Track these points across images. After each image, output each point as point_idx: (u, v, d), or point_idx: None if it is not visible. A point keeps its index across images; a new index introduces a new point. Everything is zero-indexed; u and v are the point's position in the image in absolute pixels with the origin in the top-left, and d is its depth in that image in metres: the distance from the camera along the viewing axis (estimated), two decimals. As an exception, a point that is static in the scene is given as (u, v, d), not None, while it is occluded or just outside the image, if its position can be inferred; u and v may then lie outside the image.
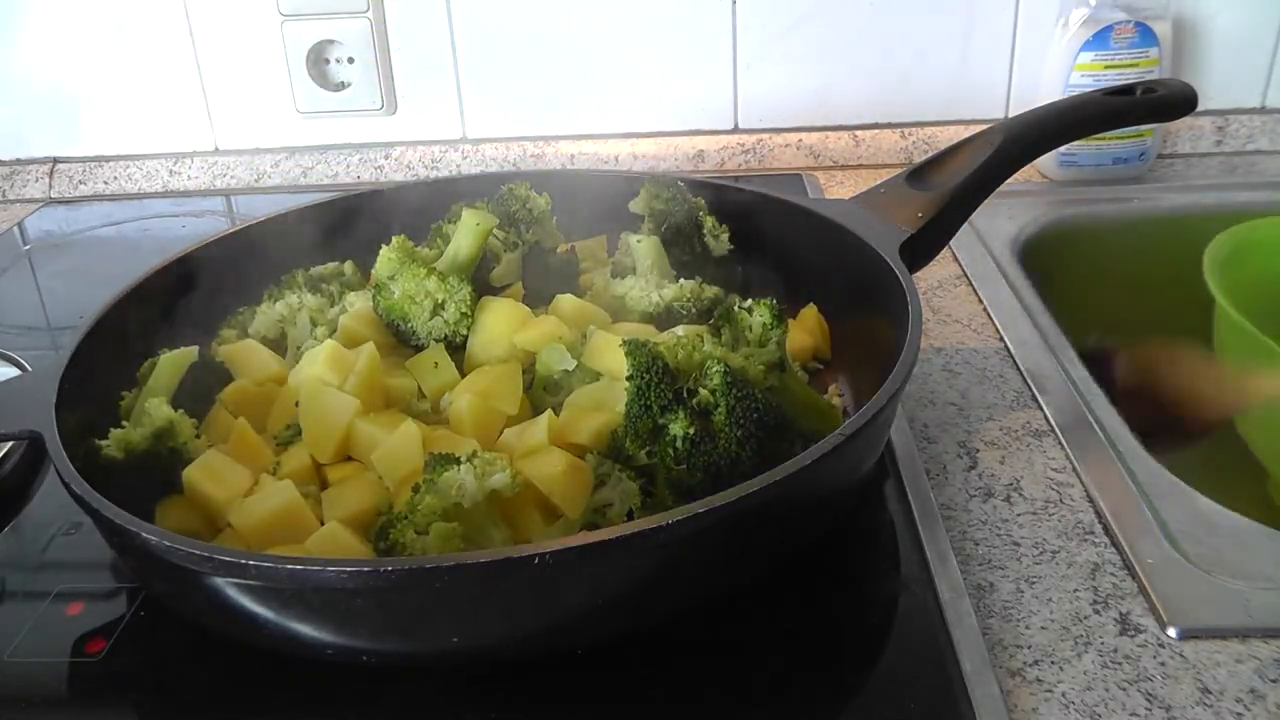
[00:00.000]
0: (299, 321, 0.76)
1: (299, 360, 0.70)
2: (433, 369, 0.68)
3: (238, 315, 0.79)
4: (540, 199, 0.81)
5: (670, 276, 0.79)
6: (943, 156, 0.76)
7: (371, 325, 0.72)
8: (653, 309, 0.75)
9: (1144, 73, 1.05)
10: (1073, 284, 1.03)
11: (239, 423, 0.65)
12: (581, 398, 0.64)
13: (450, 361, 0.69)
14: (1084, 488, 0.66)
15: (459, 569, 0.47)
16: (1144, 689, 0.52)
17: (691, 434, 0.56)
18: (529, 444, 0.61)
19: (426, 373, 0.68)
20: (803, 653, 0.55)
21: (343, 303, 0.78)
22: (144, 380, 0.69)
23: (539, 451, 0.60)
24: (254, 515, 0.58)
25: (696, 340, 0.61)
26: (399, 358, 0.71)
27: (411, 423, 0.62)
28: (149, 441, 0.61)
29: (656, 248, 0.79)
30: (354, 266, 0.82)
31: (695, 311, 0.75)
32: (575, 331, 0.69)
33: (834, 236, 0.76)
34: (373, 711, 0.53)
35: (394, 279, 0.71)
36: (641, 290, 0.76)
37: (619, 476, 0.58)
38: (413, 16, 1.17)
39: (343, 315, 0.74)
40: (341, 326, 0.72)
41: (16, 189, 1.25)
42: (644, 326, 0.73)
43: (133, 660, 0.56)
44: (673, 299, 0.75)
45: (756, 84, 1.19)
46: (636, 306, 0.76)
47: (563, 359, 0.66)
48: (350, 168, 1.23)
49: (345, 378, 0.65)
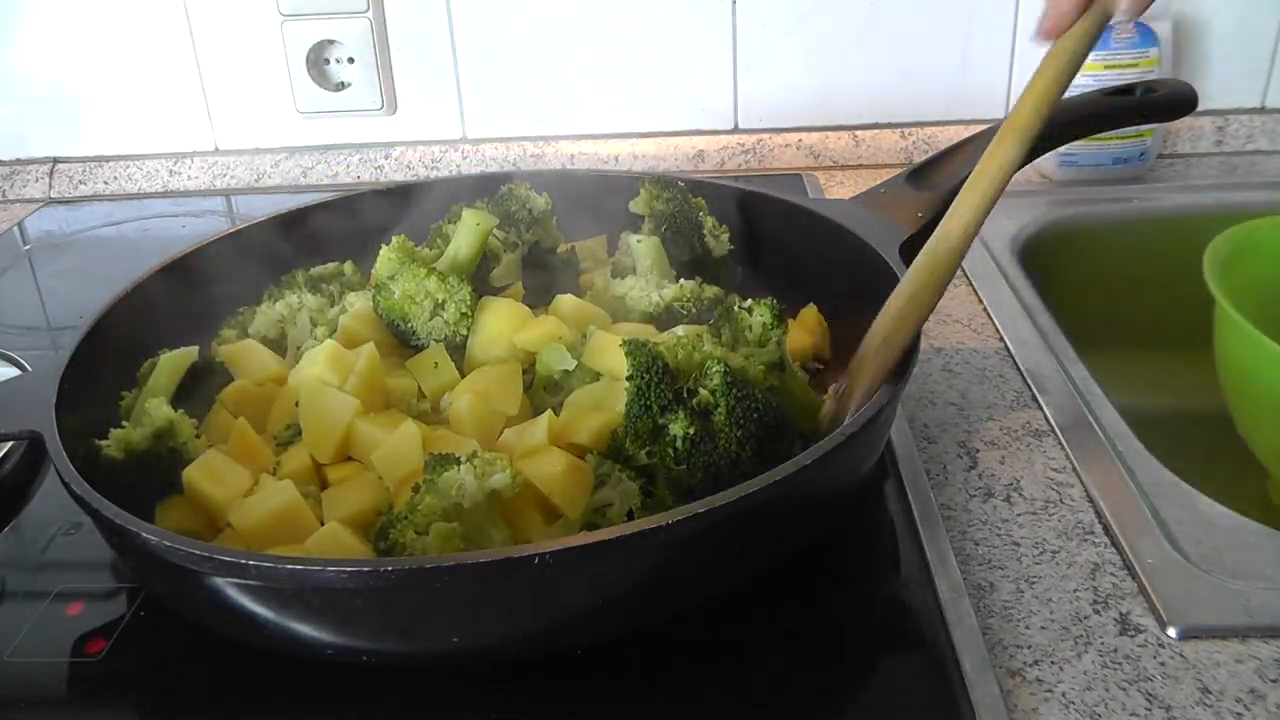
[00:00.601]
0: (299, 321, 0.76)
1: (299, 360, 0.70)
2: (433, 369, 0.68)
3: (238, 315, 0.79)
4: (540, 199, 0.81)
5: (670, 276, 0.79)
6: (943, 156, 0.76)
7: (371, 325, 0.72)
8: (653, 309, 0.75)
9: (1144, 73, 1.05)
10: (1073, 284, 1.03)
11: (239, 423, 0.65)
12: (581, 397, 0.64)
13: (450, 361, 0.68)
14: (1084, 488, 0.66)
15: (459, 569, 0.47)
16: (1144, 689, 0.52)
17: (691, 434, 0.56)
18: (529, 444, 0.61)
19: (426, 373, 0.68)
20: (803, 653, 0.55)
21: (343, 303, 0.77)
22: (144, 380, 0.69)
23: (539, 451, 0.60)
24: (254, 515, 0.58)
25: (697, 340, 0.61)
26: (399, 358, 0.71)
27: (411, 423, 0.62)
28: (149, 441, 0.61)
29: (657, 248, 0.79)
30: (354, 266, 0.82)
31: (695, 311, 0.75)
32: (575, 332, 0.69)
33: (834, 236, 0.76)
34: (373, 711, 0.53)
35: (394, 279, 0.71)
36: (642, 290, 0.76)
37: (619, 476, 0.58)
38: (413, 16, 1.17)
39: (343, 315, 0.74)
40: (341, 326, 0.72)
41: (16, 189, 1.25)
42: (644, 326, 0.73)
43: (133, 660, 0.56)
44: (673, 299, 0.75)
45: (756, 84, 1.19)
46: (636, 306, 0.75)
47: (563, 359, 0.66)
48: (350, 168, 1.23)
49: (345, 378, 0.65)
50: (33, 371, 0.79)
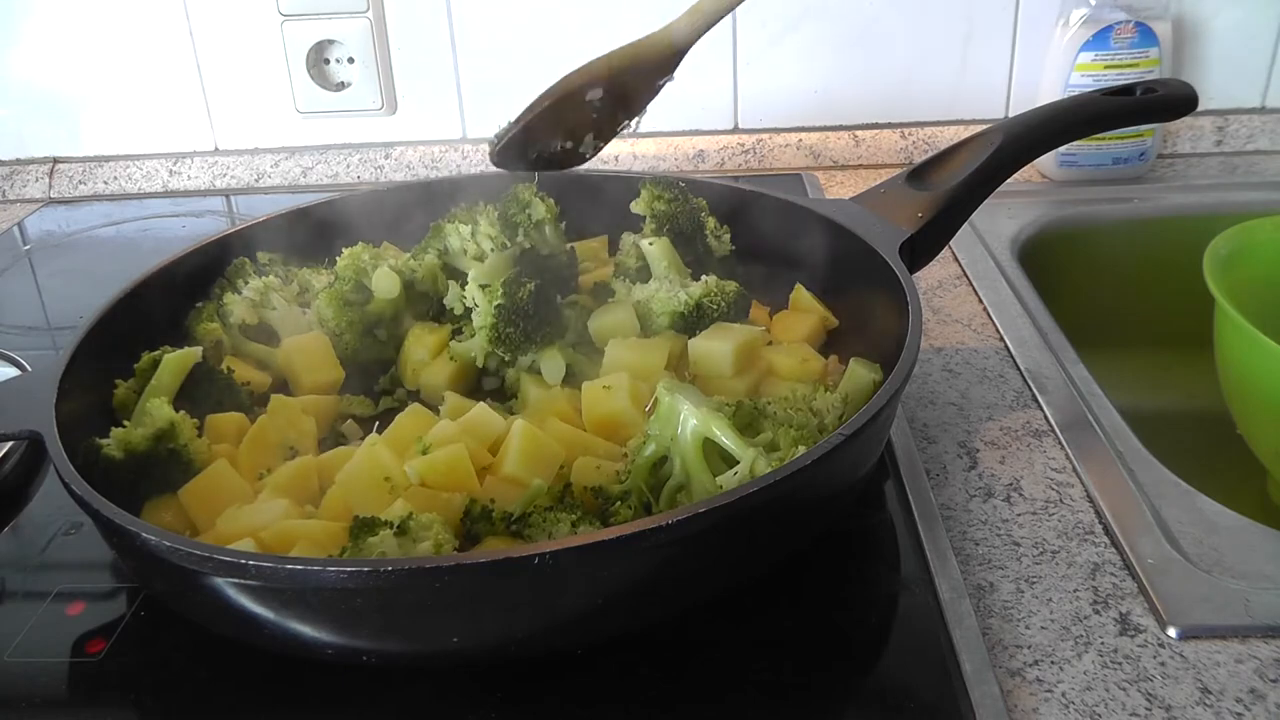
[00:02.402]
0: (274, 303, 0.78)
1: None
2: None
3: (201, 309, 0.78)
4: (541, 205, 0.81)
5: (687, 275, 0.79)
6: (943, 156, 0.76)
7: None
8: (683, 309, 0.74)
9: (1144, 73, 1.05)
10: (1073, 284, 1.03)
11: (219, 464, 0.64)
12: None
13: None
14: (1084, 488, 0.66)
15: (459, 569, 0.47)
16: (1144, 689, 0.52)
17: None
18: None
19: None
20: (803, 653, 0.55)
21: (294, 283, 0.81)
22: (142, 374, 0.69)
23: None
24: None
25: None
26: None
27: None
28: (149, 442, 0.61)
29: (669, 248, 0.79)
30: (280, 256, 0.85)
31: (724, 306, 0.74)
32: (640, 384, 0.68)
33: (834, 237, 0.76)
34: (373, 711, 0.53)
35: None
36: (668, 292, 0.75)
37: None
38: (413, 16, 1.17)
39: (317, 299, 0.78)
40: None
41: (16, 189, 1.25)
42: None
43: (133, 660, 0.56)
44: (702, 296, 0.74)
45: (756, 84, 1.19)
46: (666, 309, 0.74)
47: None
48: (350, 168, 1.23)
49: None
50: (33, 371, 0.79)
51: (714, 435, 0.57)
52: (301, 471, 0.64)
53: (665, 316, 0.74)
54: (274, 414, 0.68)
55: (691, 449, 0.58)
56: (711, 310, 0.74)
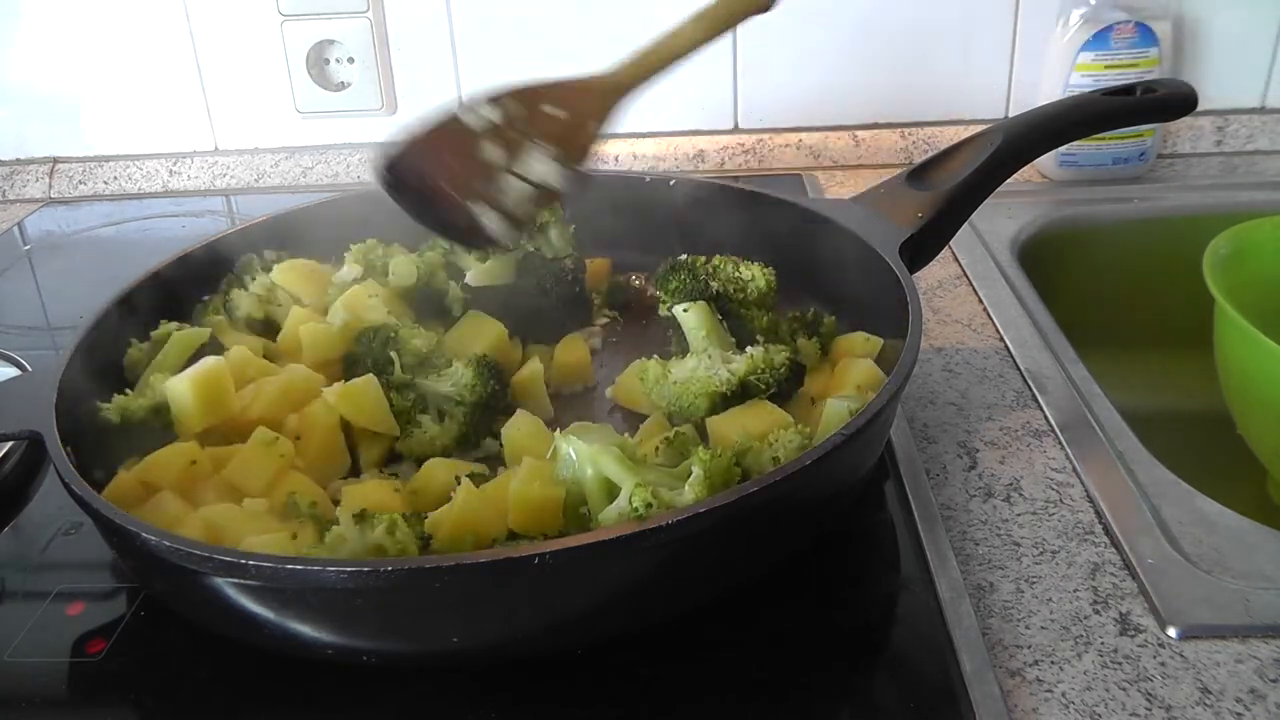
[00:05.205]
0: (280, 299, 0.79)
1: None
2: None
3: (206, 303, 0.78)
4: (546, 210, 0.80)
5: (729, 344, 0.72)
6: (943, 156, 0.76)
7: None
8: (725, 388, 0.66)
9: (1144, 73, 1.05)
10: (1073, 284, 1.03)
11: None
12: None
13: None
14: (1084, 488, 0.66)
15: (459, 569, 0.47)
16: (1144, 689, 0.52)
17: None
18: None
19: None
20: (803, 653, 0.55)
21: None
22: (158, 341, 0.71)
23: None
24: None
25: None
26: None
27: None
28: (147, 413, 0.64)
29: (706, 313, 0.72)
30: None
31: (772, 381, 0.66)
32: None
33: (834, 236, 0.76)
34: (373, 711, 0.53)
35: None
36: (708, 369, 0.67)
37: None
38: (413, 16, 1.17)
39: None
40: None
41: (16, 189, 1.25)
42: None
43: (133, 660, 0.56)
44: (747, 373, 0.66)
45: (756, 84, 1.19)
46: (706, 389, 0.66)
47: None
48: (350, 168, 1.23)
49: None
50: (33, 371, 0.79)
51: (602, 470, 0.56)
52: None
53: (703, 400, 0.66)
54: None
55: (594, 486, 0.56)
56: (758, 388, 0.66)
